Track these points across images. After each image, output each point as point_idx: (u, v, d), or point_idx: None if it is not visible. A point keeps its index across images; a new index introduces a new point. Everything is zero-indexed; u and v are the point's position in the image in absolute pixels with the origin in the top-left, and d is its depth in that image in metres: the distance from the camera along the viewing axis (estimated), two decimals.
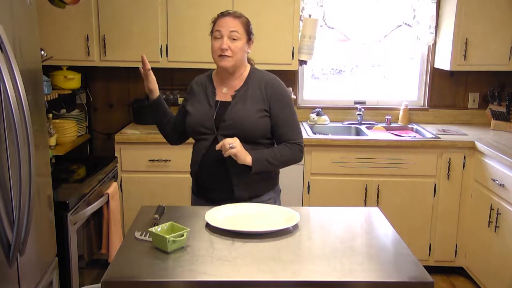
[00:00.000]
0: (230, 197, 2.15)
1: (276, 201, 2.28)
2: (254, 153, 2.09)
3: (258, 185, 2.20)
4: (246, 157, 2.06)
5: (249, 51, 2.23)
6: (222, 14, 2.16)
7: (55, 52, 3.38)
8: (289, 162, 2.20)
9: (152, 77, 2.32)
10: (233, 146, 2.03)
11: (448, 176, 3.46)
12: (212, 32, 2.18)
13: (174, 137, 2.43)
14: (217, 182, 2.17)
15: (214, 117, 2.16)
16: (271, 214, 2.01)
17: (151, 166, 3.50)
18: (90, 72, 3.95)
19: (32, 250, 1.87)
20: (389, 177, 3.48)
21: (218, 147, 2.05)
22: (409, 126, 3.94)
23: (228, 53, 2.11)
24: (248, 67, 2.25)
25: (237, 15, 2.16)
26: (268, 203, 2.18)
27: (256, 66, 2.33)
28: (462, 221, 3.51)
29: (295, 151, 2.18)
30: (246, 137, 2.11)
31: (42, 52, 2.96)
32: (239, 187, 2.15)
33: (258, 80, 2.19)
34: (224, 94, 2.21)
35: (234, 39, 2.12)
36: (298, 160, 2.22)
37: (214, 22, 2.18)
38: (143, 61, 2.27)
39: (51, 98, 3.26)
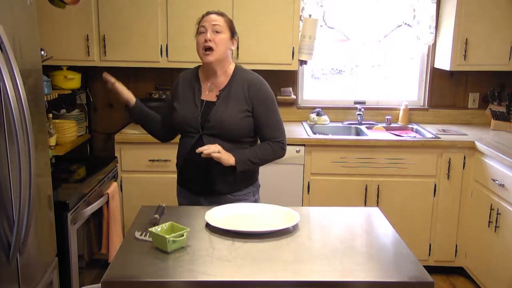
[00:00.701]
0: (212, 190, 2.26)
1: (255, 194, 2.37)
2: (237, 154, 2.17)
3: (238, 181, 2.28)
4: (229, 159, 2.15)
5: (233, 48, 2.28)
6: (206, 13, 2.24)
7: (55, 52, 3.38)
8: (271, 159, 2.30)
9: (121, 88, 2.37)
10: (218, 152, 2.12)
11: (448, 176, 3.46)
12: (197, 30, 2.25)
13: (164, 134, 2.50)
14: (200, 176, 2.25)
15: (200, 117, 2.23)
16: (271, 214, 2.01)
17: (151, 166, 3.50)
18: (90, 72, 3.95)
19: (32, 250, 1.87)
20: (389, 177, 3.48)
21: (200, 151, 2.11)
22: (409, 126, 3.94)
23: (211, 44, 2.16)
24: (233, 65, 2.30)
25: (219, 13, 2.24)
26: (247, 196, 2.31)
27: (256, 66, 2.36)
28: (462, 221, 3.51)
29: (276, 149, 2.26)
30: (230, 136, 2.20)
31: (42, 52, 2.96)
32: (220, 183, 2.25)
33: (242, 80, 2.25)
34: (209, 92, 2.27)
35: (217, 31, 2.18)
36: (280, 157, 2.31)
37: (199, 22, 2.25)
38: (106, 79, 2.35)
39: (51, 98, 3.26)
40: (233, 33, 2.25)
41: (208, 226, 1.90)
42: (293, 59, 3.64)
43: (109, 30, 3.57)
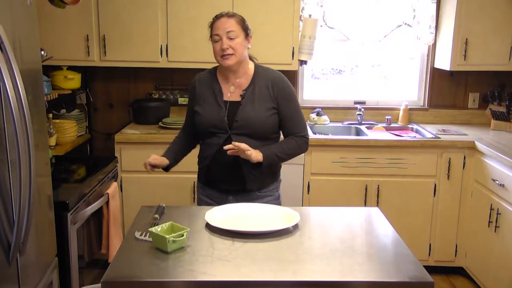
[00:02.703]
0: (241, 188, 2.28)
1: (278, 189, 2.43)
2: (264, 150, 2.21)
3: (267, 177, 2.33)
4: (257, 156, 2.18)
5: (249, 46, 2.30)
6: (217, 17, 2.24)
7: (55, 52, 3.38)
8: (296, 154, 2.35)
9: (160, 163, 2.35)
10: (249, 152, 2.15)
11: (448, 176, 3.46)
12: (211, 36, 2.25)
13: (195, 142, 2.52)
14: (229, 175, 2.28)
15: (226, 117, 2.24)
16: (271, 214, 2.01)
17: None
18: (90, 72, 3.95)
19: (32, 250, 1.87)
20: (389, 177, 3.48)
21: (228, 148, 2.13)
22: (409, 126, 3.94)
23: (229, 51, 2.18)
24: (252, 64, 2.33)
25: (230, 15, 2.24)
26: (272, 192, 2.37)
27: None
28: (462, 221, 3.51)
29: (301, 143, 2.32)
30: (257, 134, 2.24)
31: (42, 52, 2.96)
32: (250, 180, 2.27)
33: (265, 79, 2.28)
34: (231, 93, 2.29)
35: (232, 38, 2.19)
36: (304, 151, 2.36)
37: (211, 26, 2.25)
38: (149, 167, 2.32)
39: (51, 98, 3.26)
40: (247, 32, 2.26)
41: (208, 226, 1.90)
42: (293, 59, 3.64)
43: (109, 30, 3.56)
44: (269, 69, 2.34)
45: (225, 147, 2.13)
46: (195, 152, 3.46)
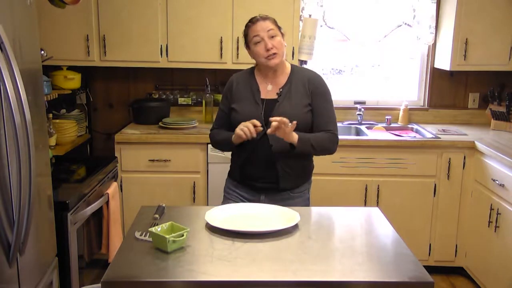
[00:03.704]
0: (275, 187, 2.30)
1: (309, 191, 2.45)
2: (300, 134, 2.21)
3: (300, 176, 2.35)
4: (293, 136, 2.17)
5: (286, 44, 2.33)
6: (252, 22, 2.29)
7: (55, 52, 3.38)
8: (326, 149, 2.31)
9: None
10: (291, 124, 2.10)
11: (448, 176, 3.46)
12: (247, 42, 2.30)
13: None
14: (263, 173, 2.30)
15: (262, 114, 2.26)
16: (271, 214, 2.01)
17: (151, 166, 3.50)
18: (90, 72, 3.95)
19: (32, 250, 1.87)
20: (389, 177, 3.48)
21: (273, 120, 2.08)
22: (409, 126, 3.94)
23: (274, 50, 2.22)
24: (289, 64, 2.38)
25: (264, 17, 2.29)
26: (304, 193, 2.39)
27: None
28: (462, 221, 3.51)
29: (333, 139, 2.30)
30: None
31: (42, 52, 2.96)
32: (284, 179, 2.29)
33: (301, 77, 2.32)
34: (268, 91, 2.32)
35: (273, 36, 2.24)
36: (332, 150, 2.33)
37: (247, 32, 2.30)
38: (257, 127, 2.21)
39: (51, 98, 3.26)
40: (281, 31, 2.30)
41: (208, 226, 1.90)
42: (293, 59, 3.64)
43: (109, 30, 3.56)
44: (305, 69, 2.40)
45: (271, 119, 2.08)
46: (196, 152, 3.47)
